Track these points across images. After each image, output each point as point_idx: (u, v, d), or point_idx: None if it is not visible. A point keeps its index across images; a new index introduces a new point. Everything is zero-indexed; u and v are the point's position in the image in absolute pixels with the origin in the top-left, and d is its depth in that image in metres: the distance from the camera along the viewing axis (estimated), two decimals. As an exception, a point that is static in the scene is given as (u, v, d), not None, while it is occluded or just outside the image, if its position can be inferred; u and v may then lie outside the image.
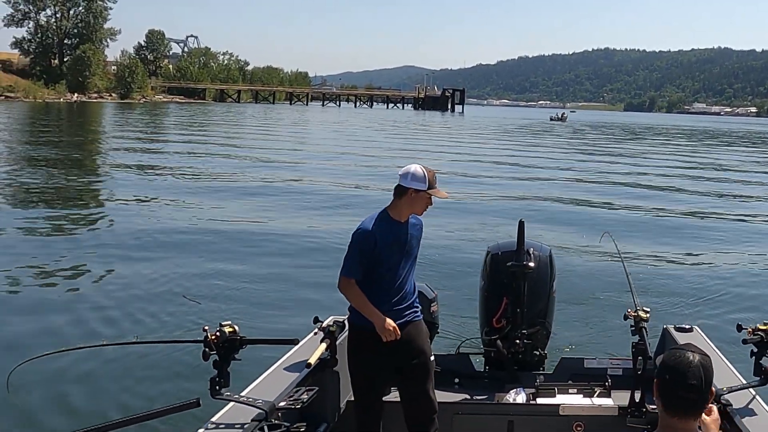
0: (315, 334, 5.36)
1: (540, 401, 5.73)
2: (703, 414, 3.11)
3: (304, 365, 4.93)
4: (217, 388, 4.32)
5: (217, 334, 4.35)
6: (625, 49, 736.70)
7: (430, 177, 4.89)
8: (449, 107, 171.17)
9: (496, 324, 6.08)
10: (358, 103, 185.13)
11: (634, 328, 5.51)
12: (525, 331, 5.99)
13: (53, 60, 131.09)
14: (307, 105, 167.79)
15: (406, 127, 79.17)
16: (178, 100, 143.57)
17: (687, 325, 6.22)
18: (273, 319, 9.95)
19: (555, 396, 5.76)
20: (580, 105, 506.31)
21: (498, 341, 6.01)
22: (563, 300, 8.02)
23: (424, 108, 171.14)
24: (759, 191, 28.48)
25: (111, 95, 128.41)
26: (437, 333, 6.10)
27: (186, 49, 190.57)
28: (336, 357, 5.11)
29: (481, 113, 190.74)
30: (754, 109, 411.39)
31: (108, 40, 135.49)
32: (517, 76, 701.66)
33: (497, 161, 37.72)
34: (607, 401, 5.74)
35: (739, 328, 4.96)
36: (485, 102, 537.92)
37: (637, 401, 5.37)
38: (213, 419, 4.32)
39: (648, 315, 5.54)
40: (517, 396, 5.76)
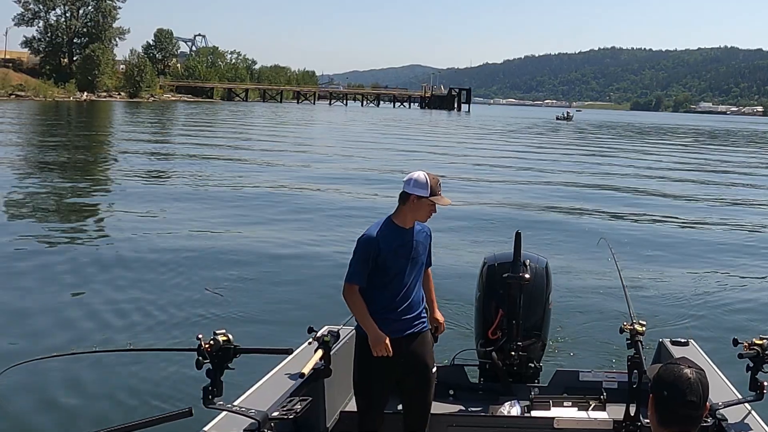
0: (309, 343, 5.33)
1: (535, 414, 5.71)
2: None
3: (297, 375, 4.90)
4: (210, 397, 4.27)
5: (211, 342, 4.30)
6: (632, 48, 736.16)
7: (432, 184, 4.86)
8: (456, 106, 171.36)
9: (491, 336, 6.07)
10: (365, 102, 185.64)
11: (629, 341, 5.47)
12: (520, 343, 5.97)
13: (63, 59, 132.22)
14: (315, 104, 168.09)
15: (412, 127, 79.21)
16: (186, 98, 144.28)
17: (683, 339, 6.20)
18: (267, 329, 9.89)
19: (550, 409, 5.75)
20: (586, 104, 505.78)
21: (493, 353, 6.00)
22: (559, 312, 7.98)
23: (430, 107, 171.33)
24: (761, 197, 28.27)
25: (120, 94, 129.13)
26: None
27: (194, 48, 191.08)
28: (330, 367, 5.07)
29: (488, 112, 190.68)
30: (760, 109, 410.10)
31: (117, 39, 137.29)
32: (524, 75, 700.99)
33: (500, 164, 37.53)
34: (602, 414, 5.72)
35: (735, 342, 4.91)
36: (491, 101, 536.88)
37: (632, 415, 5.34)
38: (205, 429, 4.31)
39: (644, 328, 5.50)
40: (512, 408, 5.74)
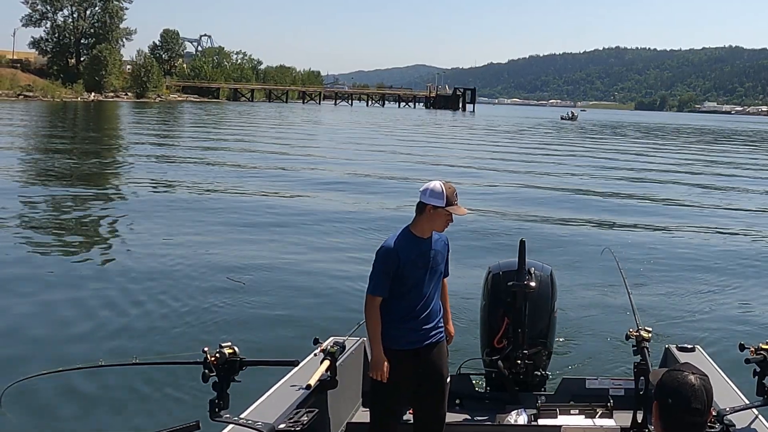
0: (315, 355, 5.33)
1: (541, 422, 5.71)
2: None
3: (304, 387, 4.91)
4: (217, 410, 4.28)
5: (217, 355, 4.31)
6: (636, 48, 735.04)
7: (448, 193, 4.84)
8: (460, 106, 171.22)
9: (497, 344, 6.07)
10: (369, 102, 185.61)
11: (635, 347, 5.48)
12: (526, 352, 5.98)
13: (70, 59, 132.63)
14: (320, 104, 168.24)
15: (417, 128, 79.09)
16: (192, 99, 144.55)
17: (689, 345, 6.19)
18: (273, 341, 9.84)
19: (556, 417, 5.74)
20: (590, 104, 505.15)
21: (499, 362, 6.00)
22: (564, 319, 7.97)
23: (435, 107, 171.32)
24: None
25: (127, 94, 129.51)
26: None
27: (200, 49, 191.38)
28: (336, 378, 5.08)
29: (492, 112, 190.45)
30: (765, 108, 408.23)
31: (124, 39, 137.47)
32: (528, 75, 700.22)
33: (505, 167, 37.14)
34: (609, 422, 5.71)
35: (742, 347, 4.90)
36: (496, 101, 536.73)
37: (639, 422, 5.34)
38: None
39: (650, 335, 5.51)
40: (519, 417, 5.75)
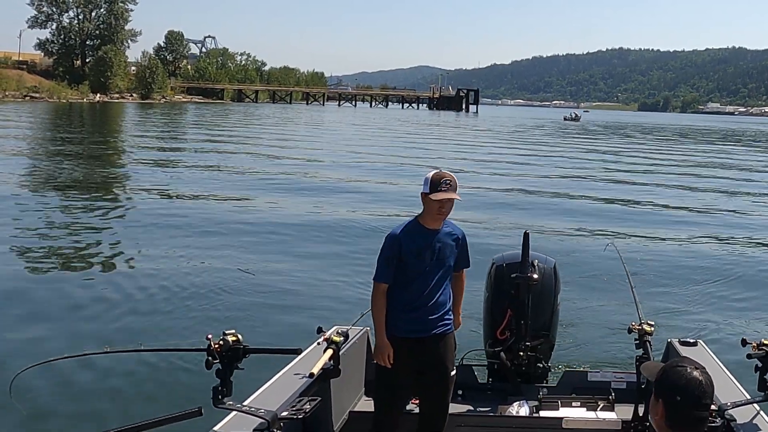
0: (318, 344, 5.34)
1: (543, 414, 5.73)
2: None
3: (306, 375, 4.91)
4: (220, 397, 4.28)
5: (221, 342, 4.30)
6: (640, 49, 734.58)
7: (434, 179, 4.87)
8: (464, 107, 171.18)
9: (500, 336, 6.09)
10: (373, 103, 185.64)
11: (638, 341, 5.50)
12: (529, 344, 5.99)
13: (76, 61, 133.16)
14: (324, 105, 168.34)
15: (422, 128, 79.14)
16: (196, 100, 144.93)
17: (691, 339, 6.19)
18: (276, 329, 9.92)
19: (558, 409, 5.77)
20: (594, 105, 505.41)
21: (502, 353, 6.02)
22: (567, 312, 8.00)
23: (438, 108, 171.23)
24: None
25: (132, 95, 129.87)
26: None
27: (204, 50, 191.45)
28: (339, 367, 5.09)
29: (496, 113, 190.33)
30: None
31: (129, 41, 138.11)
32: (532, 76, 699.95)
33: (508, 164, 37.44)
34: (611, 415, 5.73)
35: (744, 342, 4.88)
36: (499, 102, 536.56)
37: (641, 415, 5.34)
38: (215, 428, 4.32)
39: (652, 328, 5.52)
40: (521, 408, 5.76)
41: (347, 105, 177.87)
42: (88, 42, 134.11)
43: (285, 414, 4.47)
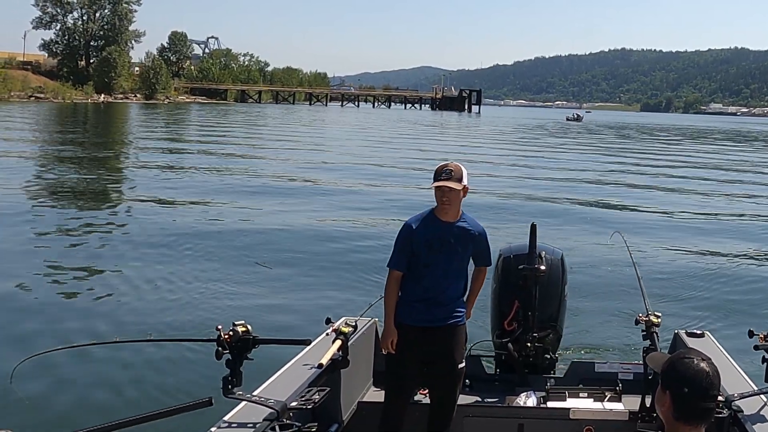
0: (327, 334, 5.37)
1: (550, 405, 5.74)
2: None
3: (315, 365, 4.93)
4: (230, 387, 4.31)
5: (231, 333, 4.33)
6: (642, 50, 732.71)
7: (437, 169, 4.97)
8: (466, 108, 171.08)
9: (507, 327, 6.10)
10: (376, 104, 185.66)
11: (645, 332, 5.52)
12: (536, 335, 6.01)
13: (80, 62, 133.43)
14: (327, 105, 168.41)
15: (424, 128, 79.13)
16: (200, 100, 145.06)
17: (698, 330, 6.20)
18: (285, 320, 10.00)
19: (565, 400, 5.77)
20: (596, 105, 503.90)
21: (509, 344, 6.03)
22: (574, 303, 8.01)
23: (441, 108, 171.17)
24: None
25: (136, 96, 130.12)
26: None
27: (207, 50, 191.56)
28: (348, 358, 5.12)
29: (498, 113, 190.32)
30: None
31: (133, 42, 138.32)
32: (534, 76, 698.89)
33: (512, 162, 37.63)
34: (618, 405, 5.74)
35: (751, 334, 4.88)
36: (502, 102, 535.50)
37: (648, 406, 5.34)
38: (225, 418, 4.33)
39: (659, 320, 5.54)
40: (528, 399, 5.78)
41: (350, 105, 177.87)
42: (92, 43, 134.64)
43: (294, 404, 4.49)
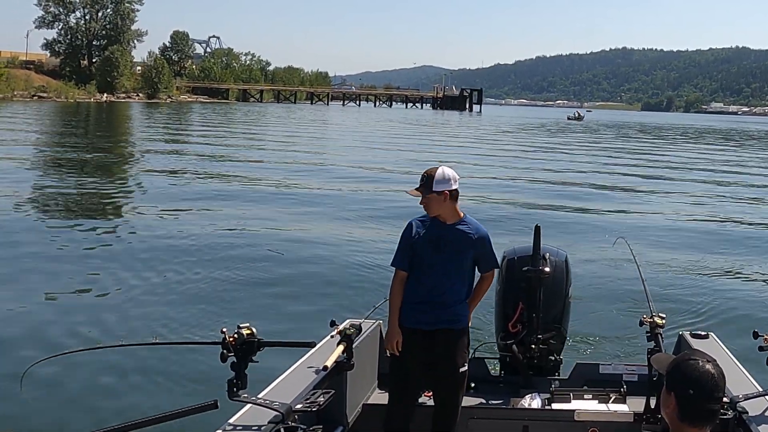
0: (331, 337, 5.35)
1: (555, 406, 5.74)
2: None
3: (320, 368, 4.95)
4: (235, 389, 4.29)
5: (235, 336, 4.31)
6: (643, 49, 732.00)
7: (423, 175, 5.04)
8: (467, 107, 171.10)
9: (511, 329, 6.10)
10: (377, 103, 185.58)
11: (649, 334, 5.51)
12: (540, 336, 6.01)
13: (82, 61, 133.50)
14: (328, 104, 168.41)
15: (426, 127, 79.12)
16: (202, 99, 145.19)
17: (703, 332, 6.19)
18: (290, 322, 10.00)
19: (570, 401, 5.77)
20: (597, 105, 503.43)
21: (513, 346, 6.04)
22: (579, 305, 8.00)
23: (442, 107, 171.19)
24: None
25: (138, 95, 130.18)
26: None
27: (209, 50, 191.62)
28: (352, 360, 5.11)
29: (499, 113, 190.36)
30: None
31: (135, 41, 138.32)
32: (535, 75, 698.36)
33: (514, 163, 37.57)
34: (622, 407, 5.74)
35: (756, 335, 4.85)
36: (503, 101, 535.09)
37: (653, 407, 5.35)
38: (230, 421, 4.34)
39: (664, 321, 5.53)
40: (532, 401, 5.78)
41: (351, 105, 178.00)
42: (94, 42, 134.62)
43: (299, 406, 4.49)
